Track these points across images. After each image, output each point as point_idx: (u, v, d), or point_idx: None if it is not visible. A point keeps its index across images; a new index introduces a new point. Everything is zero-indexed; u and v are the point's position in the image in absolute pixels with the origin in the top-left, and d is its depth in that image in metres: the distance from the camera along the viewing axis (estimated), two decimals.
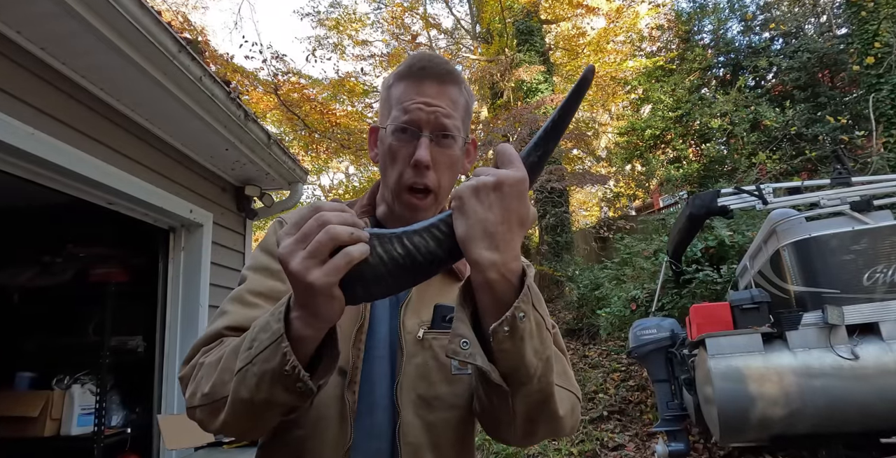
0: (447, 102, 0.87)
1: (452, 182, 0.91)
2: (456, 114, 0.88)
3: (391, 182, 0.88)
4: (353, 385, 0.80)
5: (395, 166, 0.87)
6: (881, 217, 3.54)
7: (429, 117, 0.85)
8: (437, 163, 0.86)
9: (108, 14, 1.84)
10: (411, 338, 0.86)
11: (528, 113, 9.98)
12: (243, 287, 0.87)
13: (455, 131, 0.87)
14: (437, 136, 0.86)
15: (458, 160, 0.91)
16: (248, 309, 0.83)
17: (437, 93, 0.86)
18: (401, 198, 0.88)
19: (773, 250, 3.83)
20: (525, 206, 0.59)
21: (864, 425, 3.05)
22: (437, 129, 0.85)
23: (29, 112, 1.91)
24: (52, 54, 2.00)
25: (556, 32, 14.14)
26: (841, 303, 3.23)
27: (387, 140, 0.88)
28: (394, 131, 0.86)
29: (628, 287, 7.16)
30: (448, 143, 0.87)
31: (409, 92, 0.86)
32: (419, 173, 0.85)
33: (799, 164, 9.33)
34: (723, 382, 3.20)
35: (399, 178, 0.86)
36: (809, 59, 9.88)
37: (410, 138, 0.85)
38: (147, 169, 2.59)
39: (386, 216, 0.95)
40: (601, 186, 13.25)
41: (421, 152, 0.83)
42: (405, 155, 0.86)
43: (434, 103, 0.85)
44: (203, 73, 2.35)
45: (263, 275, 0.88)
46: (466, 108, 0.92)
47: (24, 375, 2.78)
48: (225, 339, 0.79)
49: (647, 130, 11.80)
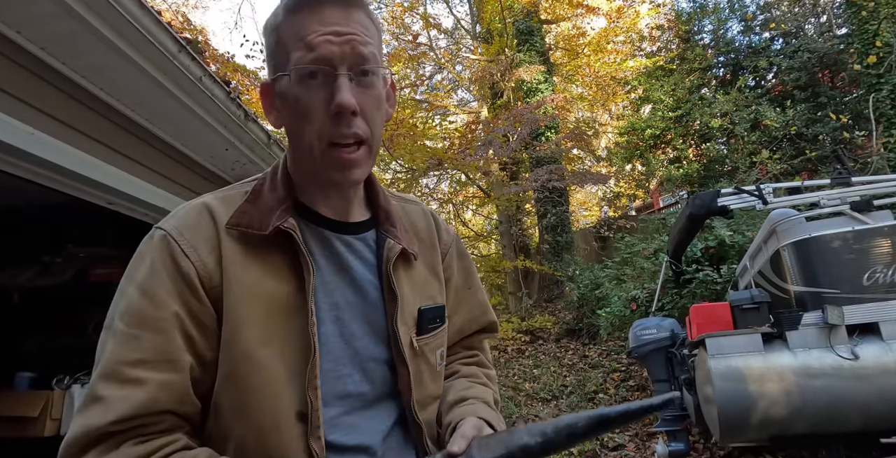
0: (359, 27, 0.70)
1: (381, 131, 0.75)
2: (372, 41, 0.71)
3: (307, 144, 0.70)
4: (316, 431, 0.69)
5: (309, 124, 0.69)
6: (881, 217, 3.53)
7: (342, 50, 0.67)
8: (363, 107, 0.69)
9: (108, 14, 1.84)
10: (407, 349, 0.78)
11: (528, 113, 9.98)
12: (116, 355, 0.64)
13: (375, 62, 0.71)
14: (356, 72, 0.69)
15: (384, 101, 0.75)
16: (131, 390, 0.62)
17: (344, 18, 0.69)
18: (324, 158, 0.70)
19: (773, 250, 3.83)
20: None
21: (864, 425, 3.05)
22: (356, 62, 0.69)
23: (29, 112, 1.91)
24: (52, 54, 2.00)
25: (556, 32, 14.14)
26: (841, 303, 3.23)
27: (291, 92, 0.69)
28: (299, 78, 0.68)
29: (628, 287, 7.16)
30: (371, 80, 0.71)
31: (308, 23, 0.68)
32: (344, 122, 0.68)
33: (799, 164, 9.33)
34: (723, 382, 3.20)
35: (319, 135, 0.69)
36: (809, 59, 9.88)
37: (323, 82, 0.68)
38: (147, 169, 2.58)
39: (309, 192, 0.78)
40: (601, 185, 13.26)
41: (343, 95, 0.66)
42: (320, 105, 0.68)
43: (345, 31, 0.68)
44: (203, 73, 2.35)
45: (139, 328, 0.65)
46: (378, 34, 0.75)
47: (24, 375, 2.78)
48: (123, 446, 0.61)
49: (648, 129, 11.80)
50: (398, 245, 0.80)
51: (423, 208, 0.94)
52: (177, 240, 0.69)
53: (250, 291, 0.69)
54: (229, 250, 0.70)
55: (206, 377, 0.69)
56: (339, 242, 0.79)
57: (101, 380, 0.63)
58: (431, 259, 0.89)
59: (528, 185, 10.10)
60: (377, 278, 0.80)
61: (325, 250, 0.77)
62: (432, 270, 0.88)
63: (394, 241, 0.80)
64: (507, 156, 10.20)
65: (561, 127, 12.17)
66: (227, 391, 0.68)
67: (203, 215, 0.73)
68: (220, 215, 0.73)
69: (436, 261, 0.89)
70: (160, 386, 0.63)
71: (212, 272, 0.69)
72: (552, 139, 11.07)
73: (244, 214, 0.73)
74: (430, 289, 0.87)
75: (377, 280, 0.80)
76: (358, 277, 0.78)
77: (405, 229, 0.85)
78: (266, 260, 0.72)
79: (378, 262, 0.80)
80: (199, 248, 0.70)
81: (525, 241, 11.91)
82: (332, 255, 0.78)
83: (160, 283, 0.67)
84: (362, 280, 0.78)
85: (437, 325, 0.85)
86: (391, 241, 0.80)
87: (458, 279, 0.95)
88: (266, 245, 0.72)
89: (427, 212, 0.94)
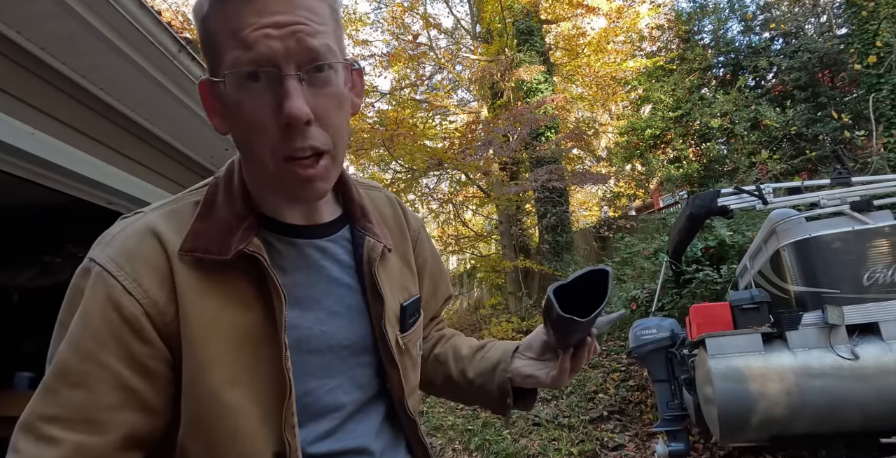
0: (305, 13, 0.57)
1: (346, 132, 0.64)
2: (324, 28, 0.59)
3: (259, 160, 0.60)
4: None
5: (258, 136, 0.58)
6: (881, 217, 3.53)
7: (286, 45, 0.56)
8: (318, 113, 0.58)
9: (108, 14, 1.84)
10: (395, 349, 0.74)
11: (528, 113, 9.98)
12: (34, 407, 0.59)
13: (331, 55, 0.59)
14: (307, 71, 0.57)
15: (345, 99, 0.63)
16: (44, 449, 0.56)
17: (285, 4, 0.56)
18: (281, 174, 0.59)
19: (773, 250, 3.83)
20: None
21: (864, 425, 3.05)
22: (305, 58, 0.57)
23: (29, 112, 1.91)
24: (52, 54, 2.00)
25: (556, 32, 14.13)
26: (841, 303, 3.23)
27: (230, 98, 0.58)
28: (238, 82, 0.57)
29: (628, 287, 7.16)
30: (326, 77, 0.59)
31: (241, 15, 0.56)
32: (298, 135, 0.57)
33: (799, 164, 9.33)
34: (723, 382, 3.20)
35: (271, 150, 0.58)
36: (809, 59, 9.88)
37: (267, 85, 0.57)
38: (147, 169, 2.58)
39: (271, 203, 0.68)
40: (601, 185, 13.25)
41: (293, 104, 0.55)
42: (267, 114, 0.57)
43: (288, 21, 0.56)
44: (203, 73, 2.35)
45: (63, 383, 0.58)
46: (334, 16, 0.62)
47: (24, 375, 2.78)
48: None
49: (647, 129, 11.80)
50: (379, 244, 0.75)
51: (386, 194, 0.89)
52: (115, 275, 0.60)
53: (211, 325, 0.61)
54: (183, 280, 0.61)
55: (162, 423, 0.62)
56: (311, 248, 0.71)
57: (19, 431, 0.58)
58: (403, 248, 0.84)
59: (528, 185, 10.10)
60: (357, 280, 0.74)
61: (297, 261, 0.70)
62: (404, 259, 0.84)
63: (373, 239, 0.75)
64: (507, 156, 10.20)
65: (561, 127, 12.16)
66: (193, 436, 0.62)
67: (147, 239, 0.63)
68: (170, 238, 0.63)
69: (407, 250, 0.85)
70: (76, 448, 0.56)
71: (163, 308, 0.60)
72: (552, 139, 11.06)
73: (198, 236, 0.63)
74: (405, 280, 0.83)
75: (357, 283, 0.74)
76: (336, 282, 0.73)
77: (379, 223, 0.80)
78: (227, 288, 0.63)
79: (357, 263, 0.74)
80: (145, 281, 0.60)
81: (525, 241, 11.91)
82: (307, 265, 0.70)
83: (90, 331, 0.58)
84: (341, 286, 0.74)
85: (416, 318, 0.82)
86: (370, 240, 0.75)
87: (433, 264, 0.93)
88: (226, 270, 0.63)
89: (391, 198, 0.89)
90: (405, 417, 0.78)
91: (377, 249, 0.75)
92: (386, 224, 0.83)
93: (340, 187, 0.79)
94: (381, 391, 0.77)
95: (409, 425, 0.79)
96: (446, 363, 0.94)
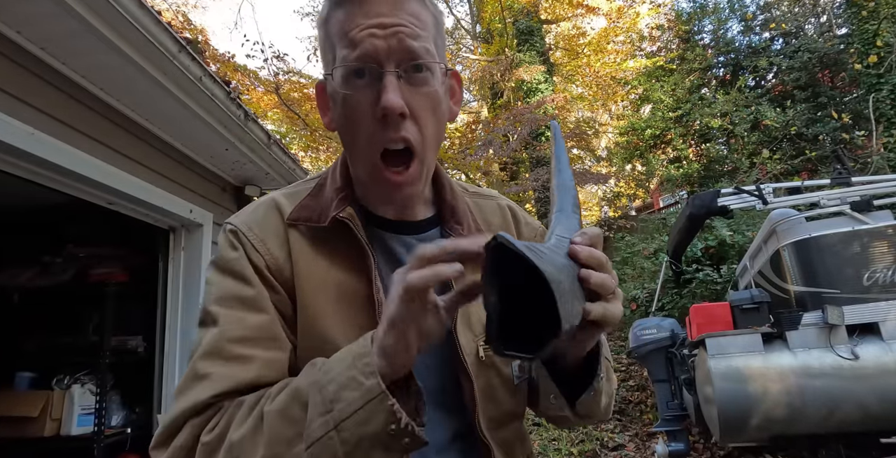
0: (408, 17, 0.63)
1: (439, 133, 0.68)
2: (425, 32, 0.64)
3: (358, 150, 0.66)
4: None
5: (357, 128, 0.65)
6: (881, 217, 3.54)
7: (388, 44, 0.61)
8: (413, 108, 0.63)
9: (108, 14, 1.84)
10: (472, 359, 0.71)
11: (528, 113, 9.98)
12: (219, 335, 0.64)
13: (428, 56, 0.64)
14: (405, 69, 0.63)
15: (441, 100, 0.68)
16: (237, 367, 0.61)
17: (391, 8, 0.62)
18: (374, 176, 0.66)
19: (773, 250, 3.83)
20: None
21: (864, 425, 3.05)
22: (404, 58, 0.62)
23: (29, 112, 1.91)
24: (52, 54, 2.00)
25: (556, 32, 14.14)
26: (841, 303, 3.23)
27: (338, 93, 0.65)
28: (344, 77, 0.63)
29: (628, 287, 7.16)
30: (423, 77, 0.64)
31: (352, 17, 0.62)
32: (392, 126, 0.62)
33: (799, 164, 9.33)
34: (723, 382, 3.20)
35: (368, 141, 0.64)
36: (810, 60, 9.89)
37: (369, 81, 0.62)
38: (147, 169, 2.58)
39: (366, 194, 0.75)
40: (601, 185, 13.25)
41: (389, 97, 0.60)
42: (367, 107, 0.63)
43: (391, 22, 0.62)
44: (203, 73, 2.35)
45: (239, 309, 0.66)
46: (437, 25, 0.68)
47: (24, 375, 2.78)
48: (224, 406, 0.60)
49: (648, 129, 11.81)
50: None
51: (499, 203, 0.87)
52: (246, 235, 0.70)
53: (320, 283, 0.69)
54: (297, 245, 0.71)
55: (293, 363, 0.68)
56: (396, 243, 0.75)
57: (203, 359, 0.62)
58: None
59: (528, 185, 10.10)
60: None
61: (383, 252, 0.74)
62: None
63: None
64: (507, 156, 10.20)
65: (561, 127, 12.15)
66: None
67: (271, 211, 0.74)
68: (287, 211, 0.74)
69: None
70: (266, 364, 0.63)
71: (282, 265, 0.69)
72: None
73: (304, 209, 0.73)
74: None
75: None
76: None
77: (473, 227, 0.78)
78: (332, 251, 0.71)
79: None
80: (269, 242, 0.71)
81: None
82: (391, 257, 0.74)
83: (244, 268, 0.68)
84: None
85: None
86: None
87: None
88: (330, 237, 0.71)
89: (504, 206, 0.87)
90: (479, 440, 0.70)
91: None
92: (491, 232, 0.80)
93: (435, 189, 0.80)
94: (457, 406, 0.71)
95: (483, 450, 0.70)
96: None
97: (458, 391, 0.71)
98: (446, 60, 0.71)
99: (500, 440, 0.72)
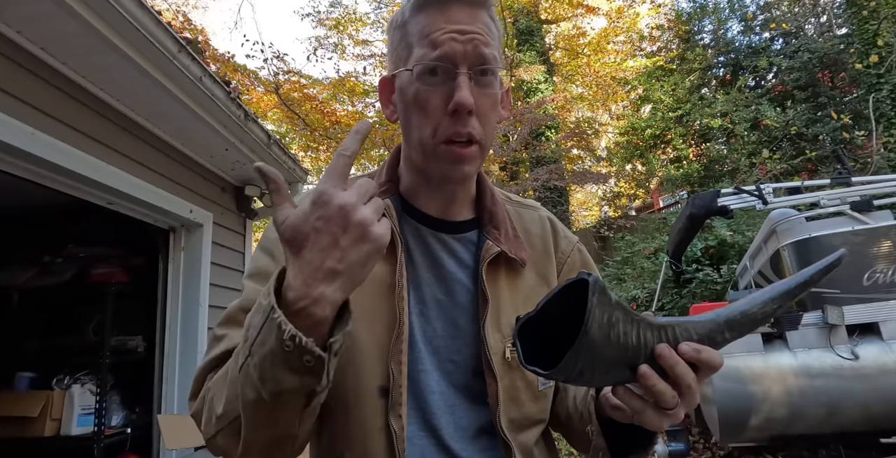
0: (482, 27, 0.70)
1: (494, 132, 0.75)
2: (493, 42, 0.71)
3: (422, 139, 0.71)
4: (397, 408, 0.68)
5: (426, 119, 0.70)
6: (881, 217, 3.54)
7: (465, 48, 0.67)
8: (479, 107, 0.69)
9: (108, 14, 1.84)
10: (498, 359, 0.73)
11: (528, 113, 9.99)
12: (237, 304, 0.73)
13: (495, 63, 0.70)
14: (475, 72, 0.69)
15: (498, 102, 0.74)
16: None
17: (469, 18, 0.69)
18: (437, 151, 0.70)
19: (773, 250, 3.83)
20: None
21: (864, 425, 3.05)
22: (477, 61, 0.68)
23: (29, 112, 1.91)
24: (52, 54, 2.00)
25: (556, 32, 14.14)
26: (841, 303, 3.23)
27: (411, 87, 0.70)
28: (421, 73, 0.69)
29: (629, 287, 7.17)
30: (489, 80, 0.70)
31: (434, 21, 0.69)
32: (461, 121, 0.68)
33: (799, 164, 9.33)
34: (723, 382, 3.20)
35: (434, 132, 0.69)
36: (810, 60, 9.88)
37: (444, 79, 0.68)
38: (147, 169, 2.58)
39: (413, 187, 0.79)
40: (601, 185, 13.26)
41: (463, 94, 0.66)
42: (438, 102, 0.68)
43: (469, 30, 0.68)
44: (203, 73, 2.35)
45: (261, 283, 0.73)
46: (499, 38, 0.75)
47: (24, 375, 2.78)
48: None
49: (648, 129, 11.81)
50: (495, 247, 0.77)
51: (540, 214, 0.90)
52: None
53: None
54: None
55: None
56: (433, 239, 0.78)
57: (221, 325, 0.72)
58: (544, 268, 0.83)
59: (528, 184, 10.10)
60: (472, 280, 0.77)
61: (419, 246, 0.78)
62: (544, 279, 0.83)
63: (493, 242, 0.77)
64: (508, 156, 10.20)
65: (561, 127, 12.17)
66: None
67: None
68: None
69: (549, 270, 0.84)
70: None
71: None
72: (552, 139, 11.06)
73: None
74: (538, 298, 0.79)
75: (471, 282, 0.77)
76: (449, 276, 0.77)
77: (511, 234, 0.81)
78: None
79: (476, 264, 0.77)
80: None
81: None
82: (426, 251, 0.78)
83: (277, 247, 0.74)
84: (453, 280, 0.77)
85: None
86: (489, 242, 0.77)
87: None
88: None
89: (545, 217, 0.89)
90: (500, 438, 0.72)
91: (492, 250, 0.77)
92: (529, 241, 0.85)
93: (478, 193, 0.84)
94: (481, 403, 0.74)
95: (505, 450, 0.72)
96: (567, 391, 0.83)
97: (483, 389, 0.73)
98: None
99: (520, 443, 0.74)
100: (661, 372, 0.52)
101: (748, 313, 0.57)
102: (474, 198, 0.83)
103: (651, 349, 0.52)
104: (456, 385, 0.74)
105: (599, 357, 0.49)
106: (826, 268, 0.58)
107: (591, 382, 0.55)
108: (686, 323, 0.55)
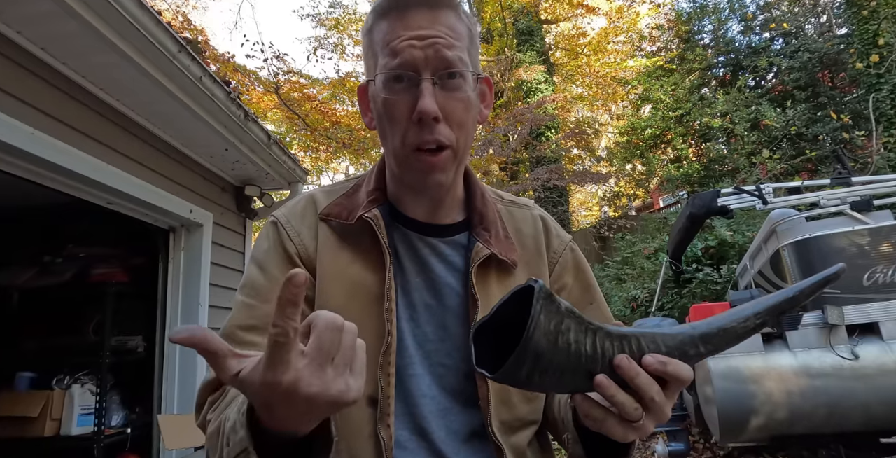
0: (444, 29, 0.69)
1: (470, 134, 0.73)
2: (459, 43, 0.70)
3: (394, 148, 0.71)
4: (385, 418, 0.69)
5: (394, 127, 0.70)
6: (881, 217, 3.54)
7: (425, 54, 0.67)
8: (447, 112, 0.68)
9: (108, 14, 1.84)
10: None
11: (528, 113, 9.99)
12: (233, 321, 0.73)
13: (461, 65, 0.69)
14: (440, 76, 0.68)
15: (473, 104, 0.73)
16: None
17: (429, 21, 0.68)
18: (408, 160, 0.70)
19: (773, 250, 3.83)
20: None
21: (864, 425, 3.05)
22: (439, 66, 0.68)
23: (29, 112, 1.91)
24: (52, 54, 2.00)
25: (556, 32, 14.14)
26: (841, 303, 3.23)
27: (378, 97, 0.70)
28: (385, 82, 0.69)
29: (628, 287, 7.17)
30: (456, 83, 0.69)
31: (394, 28, 0.69)
32: (427, 128, 0.67)
33: (799, 164, 9.33)
34: (723, 382, 3.20)
35: (402, 140, 0.70)
36: (810, 60, 9.88)
37: (407, 87, 0.68)
38: (147, 169, 2.59)
39: (398, 194, 0.79)
40: (601, 185, 13.25)
41: (425, 102, 0.66)
42: (405, 110, 0.68)
43: (428, 34, 0.68)
44: (203, 73, 2.35)
45: (255, 299, 0.73)
46: (471, 36, 0.74)
47: (24, 375, 2.78)
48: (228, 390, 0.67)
49: (648, 129, 11.81)
50: (486, 250, 0.76)
51: (532, 213, 0.88)
52: (284, 226, 0.79)
53: (339, 273, 0.75)
54: (325, 238, 0.78)
55: None
56: (422, 244, 0.78)
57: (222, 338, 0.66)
58: (537, 268, 0.82)
59: (528, 184, 10.10)
60: (461, 283, 0.77)
61: (408, 251, 0.78)
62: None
63: (483, 245, 0.76)
64: (507, 156, 10.20)
65: (561, 127, 12.17)
66: None
67: (309, 206, 0.82)
68: (322, 206, 0.81)
69: (541, 270, 0.83)
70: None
71: (311, 254, 0.77)
72: (552, 139, 11.06)
73: (337, 206, 0.80)
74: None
75: (461, 286, 0.77)
76: (438, 280, 0.76)
77: (501, 235, 0.80)
78: (355, 248, 0.77)
79: (466, 266, 0.77)
80: (303, 234, 0.78)
81: None
82: (415, 256, 0.78)
83: (272, 260, 0.76)
84: (442, 284, 0.76)
85: None
86: (479, 245, 0.76)
87: (575, 293, 0.85)
88: (355, 234, 0.77)
89: (537, 216, 0.88)
90: (491, 440, 0.72)
91: (481, 253, 0.76)
92: (521, 241, 0.83)
93: (467, 194, 0.83)
94: (472, 405, 0.74)
95: (496, 452, 0.72)
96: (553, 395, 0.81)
97: (474, 392, 0.73)
98: (479, 67, 0.77)
99: (512, 444, 0.73)
100: (621, 383, 0.51)
101: (726, 327, 0.55)
102: (464, 199, 0.83)
103: (610, 359, 0.51)
104: (447, 389, 0.74)
105: (547, 364, 0.48)
106: (819, 283, 0.58)
107: (546, 388, 0.56)
108: (656, 334, 0.53)
